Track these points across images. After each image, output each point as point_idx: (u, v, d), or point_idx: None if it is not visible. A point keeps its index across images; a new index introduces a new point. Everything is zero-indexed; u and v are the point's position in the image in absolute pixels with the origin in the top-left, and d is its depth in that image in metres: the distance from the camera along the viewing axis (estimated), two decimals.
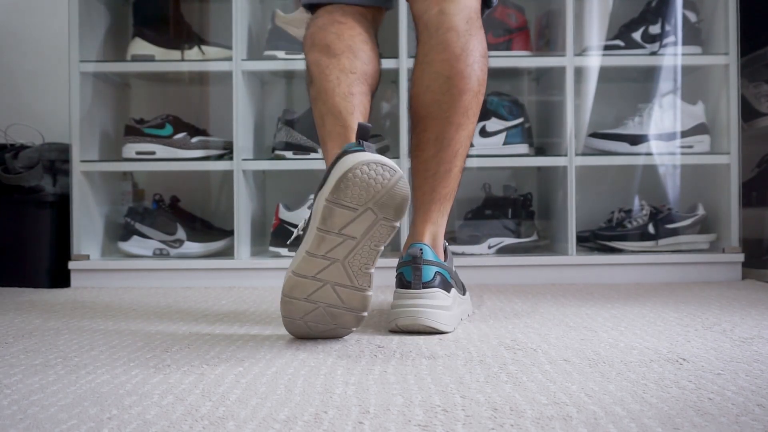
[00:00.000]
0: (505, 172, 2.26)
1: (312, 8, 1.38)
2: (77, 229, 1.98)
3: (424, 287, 1.19)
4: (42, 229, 1.99)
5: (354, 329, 1.16)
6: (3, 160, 2.03)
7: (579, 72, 2.06)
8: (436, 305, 1.19)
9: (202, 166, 2.08)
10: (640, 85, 2.25)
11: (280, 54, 2.04)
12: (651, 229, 2.04)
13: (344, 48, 1.26)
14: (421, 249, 1.21)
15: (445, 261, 1.27)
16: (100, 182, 2.08)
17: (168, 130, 2.05)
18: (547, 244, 2.12)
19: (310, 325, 1.14)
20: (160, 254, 2.04)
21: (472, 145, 1.35)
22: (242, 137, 2.01)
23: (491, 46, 2.07)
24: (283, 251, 2.00)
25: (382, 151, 2.08)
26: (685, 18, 2.06)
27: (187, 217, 2.13)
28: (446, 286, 1.23)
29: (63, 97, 2.03)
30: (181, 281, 1.97)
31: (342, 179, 1.02)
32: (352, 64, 1.25)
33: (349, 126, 1.21)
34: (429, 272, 1.20)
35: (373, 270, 1.10)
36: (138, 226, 2.05)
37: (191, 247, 2.06)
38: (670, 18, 2.06)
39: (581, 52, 2.06)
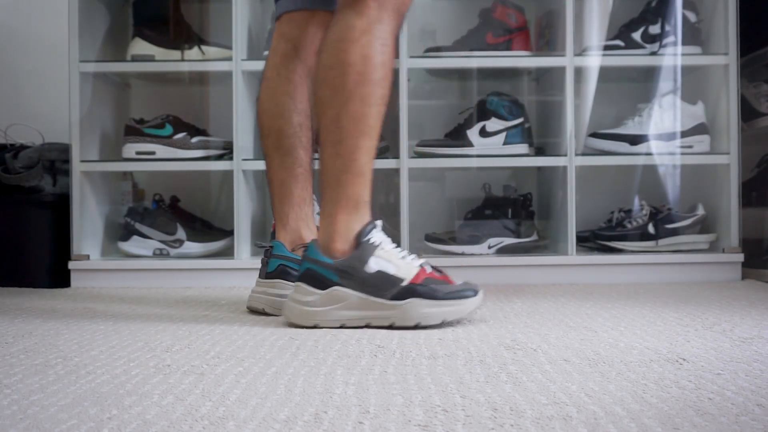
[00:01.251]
0: (505, 172, 2.26)
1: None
2: (77, 229, 1.98)
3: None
4: (42, 229, 1.99)
5: None
6: (3, 160, 2.03)
7: (579, 72, 2.06)
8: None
9: (202, 166, 2.08)
10: (640, 85, 2.25)
11: None
12: (651, 229, 2.04)
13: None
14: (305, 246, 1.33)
15: (346, 253, 1.26)
16: (100, 182, 2.08)
17: (168, 130, 2.05)
18: (547, 244, 2.12)
19: None
20: (160, 254, 2.04)
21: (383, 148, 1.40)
22: (242, 137, 2.01)
23: (491, 46, 2.09)
24: None
25: (382, 152, 2.08)
26: (685, 18, 2.06)
27: (187, 217, 2.13)
28: (312, 282, 1.27)
29: (63, 97, 2.03)
30: (181, 281, 1.97)
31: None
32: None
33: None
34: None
35: None
36: (138, 226, 2.05)
37: (191, 247, 2.06)
38: (670, 18, 2.06)
39: (581, 52, 2.06)
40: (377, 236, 1.27)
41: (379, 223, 1.30)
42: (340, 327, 1.25)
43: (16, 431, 0.71)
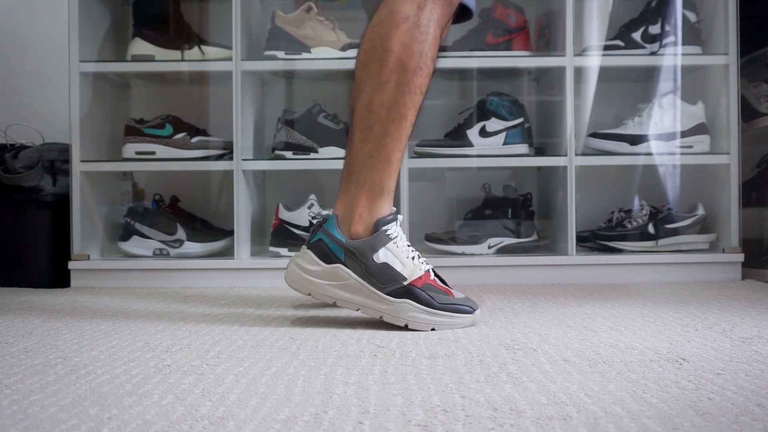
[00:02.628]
0: (505, 172, 2.26)
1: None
2: (77, 229, 1.98)
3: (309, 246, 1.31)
4: (42, 229, 1.99)
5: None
6: (3, 160, 2.03)
7: (579, 72, 2.06)
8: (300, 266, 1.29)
9: (202, 166, 2.08)
10: (640, 85, 2.25)
11: (280, 54, 2.04)
12: (651, 229, 2.04)
13: None
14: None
15: (361, 236, 1.27)
16: (100, 182, 2.08)
17: (168, 130, 2.05)
18: (547, 244, 2.12)
19: None
20: (160, 254, 2.04)
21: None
22: (242, 137, 2.01)
23: (491, 46, 2.09)
24: (283, 251, 2.00)
25: None
26: (685, 18, 2.06)
27: (187, 217, 2.13)
28: (320, 253, 1.27)
29: (63, 97, 2.04)
30: (181, 281, 1.97)
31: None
32: None
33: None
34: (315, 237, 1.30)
35: None
36: (138, 226, 2.05)
37: (191, 247, 2.06)
38: (670, 18, 2.06)
39: (581, 52, 2.06)
40: (394, 230, 1.27)
41: (400, 217, 1.30)
42: (333, 304, 1.28)
43: (16, 431, 0.71)
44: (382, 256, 1.25)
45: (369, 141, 1.26)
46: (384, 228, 1.26)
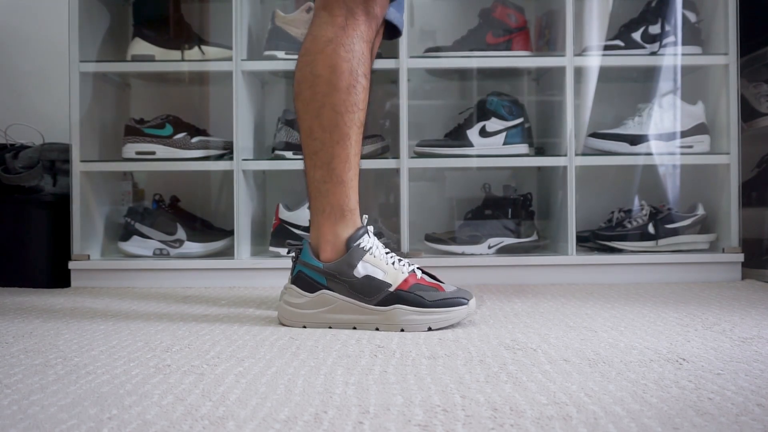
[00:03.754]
0: (505, 172, 2.26)
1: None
2: (77, 229, 1.98)
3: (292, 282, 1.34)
4: (42, 229, 1.99)
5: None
6: (3, 160, 2.03)
7: (579, 72, 2.06)
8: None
9: (202, 166, 2.08)
10: (640, 85, 2.25)
11: (280, 54, 2.04)
12: (651, 229, 2.04)
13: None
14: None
15: (332, 259, 1.28)
16: (100, 182, 2.08)
17: (168, 130, 2.05)
18: (547, 244, 2.12)
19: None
20: (160, 254, 2.04)
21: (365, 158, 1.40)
22: (242, 137, 2.01)
23: (491, 46, 2.09)
24: (283, 251, 2.00)
25: (382, 151, 2.09)
26: (685, 18, 2.06)
27: (187, 217, 2.13)
28: (302, 285, 1.29)
29: (63, 97, 2.04)
30: (181, 281, 1.97)
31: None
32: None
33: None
34: (295, 269, 1.33)
35: None
36: (138, 226, 2.05)
37: (191, 247, 2.06)
38: (670, 18, 2.06)
39: (581, 52, 2.06)
40: (367, 241, 1.28)
41: (370, 228, 1.30)
42: (329, 328, 1.27)
43: (16, 431, 0.71)
44: (361, 269, 1.26)
45: (318, 167, 1.28)
46: (356, 243, 1.27)
